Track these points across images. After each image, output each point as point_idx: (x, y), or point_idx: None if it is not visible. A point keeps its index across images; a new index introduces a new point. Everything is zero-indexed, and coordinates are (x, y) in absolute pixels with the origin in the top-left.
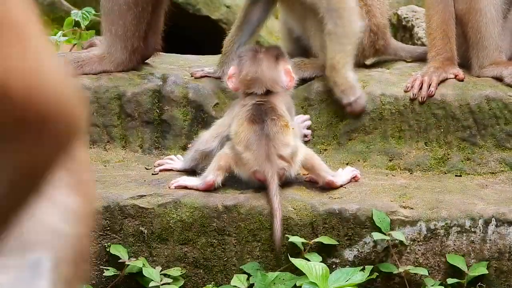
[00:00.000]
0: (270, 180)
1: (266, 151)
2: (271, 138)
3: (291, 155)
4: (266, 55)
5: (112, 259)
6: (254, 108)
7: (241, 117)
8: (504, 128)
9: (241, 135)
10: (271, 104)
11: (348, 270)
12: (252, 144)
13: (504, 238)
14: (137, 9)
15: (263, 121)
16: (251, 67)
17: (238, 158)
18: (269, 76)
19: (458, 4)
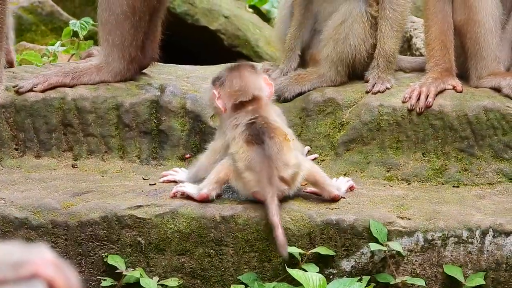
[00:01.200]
0: (270, 201)
1: (268, 173)
2: (273, 160)
3: (292, 176)
4: (242, 67)
5: (110, 269)
6: (248, 128)
7: (238, 139)
8: (502, 138)
9: (242, 155)
10: (264, 120)
11: (346, 280)
12: (255, 165)
13: (501, 249)
14: (134, 19)
15: (263, 142)
16: (235, 79)
17: (239, 175)
18: (253, 82)
19: (456, 15)
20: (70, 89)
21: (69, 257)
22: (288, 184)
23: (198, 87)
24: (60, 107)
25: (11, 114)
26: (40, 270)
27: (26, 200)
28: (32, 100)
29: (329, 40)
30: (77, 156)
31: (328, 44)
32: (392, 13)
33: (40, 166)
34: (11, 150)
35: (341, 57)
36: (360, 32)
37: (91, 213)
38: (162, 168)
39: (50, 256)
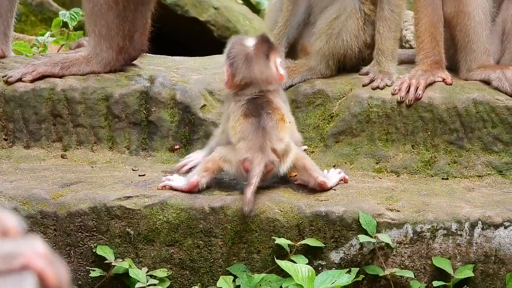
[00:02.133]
0: (256, 164)
1: (260, 142)
2: (267, 131)
3: (284, 151)
4: (257, 54)
5: (98, 260)
6: (249, 103)
7: (237, 113)
8: (491, 131)
9: (237, 128)
10: (266, 98)
11: (334, 272)
12: (248, 134)
13: (490, 241)
14: (117, 8)
15: (260, 115)
16: (245, 71)
17: (231, 151)
18: (263, 78)
19: (446, 7)
20: (59, 80)
21: (58, 247)
22: (279, 158)
23: (188, 78)
24: (50, 98)
25: (0, 104)
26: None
27: (15, 190)
28: (22, 90)
29: (322, 34)
30: (66, 146)
31: (320, 38)
32: (390, 14)
33: (30, 156)
34: (0, 141)
35: (333, 51)
36: (354, 28)
37: (80, 203)
38: (152, 159)
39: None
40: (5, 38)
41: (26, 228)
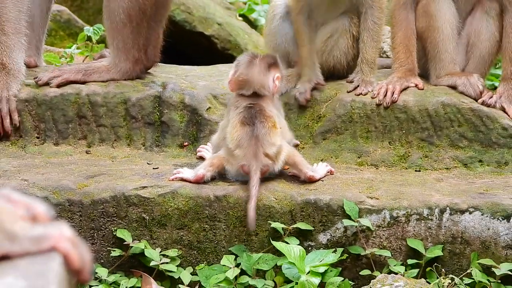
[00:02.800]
0: (253, 173)
1: (254, 149)
2: (259, 139)
3: (276, 154)
4: (261, 62)
5: (118, 241)
6: (245, 111)
7: (235, 119)
8: (457, 129)
9: (234, 135)
10: (260, 107)
11: (322, 252)
12: (243, 143)
13: (457, 224)
14: (131, 25)
15: (254, 124)
16: (244, 70)
17: (230, 155)
18: (258, 80)
19: (418, 23)
20: (84, 86)
21: (83, 231)
22: (273, 160)
23: (195, 85)
24: (76, 101)
25: (34, 107)
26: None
27: (46, 181)
28: (51, 95)
29: (317, 51)
30: (90, 143)
31: None
32: (373, 25)
33: (58, 152)
34: (33, 139)
35: (324, 65)
36: (344, 46)
37: (102, 193)
38: (164, 154)
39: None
40: (37, 51)
41: (55, 215)
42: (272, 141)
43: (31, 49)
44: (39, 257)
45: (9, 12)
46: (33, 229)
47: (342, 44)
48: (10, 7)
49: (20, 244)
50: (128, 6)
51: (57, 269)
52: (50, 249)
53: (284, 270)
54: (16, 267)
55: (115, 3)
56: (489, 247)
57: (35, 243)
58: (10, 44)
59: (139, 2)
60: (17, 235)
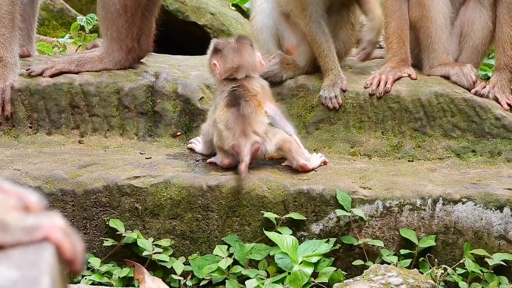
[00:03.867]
0: (243, 146)
1: (242, 128)
2: (246, 117)
3: (265, 131)
4: (242, 45)
5: (111, 231)
6: (230, 94)
7: (221, 103)
8: (450, 120)
9: (222, 117)
10: (244, 88)
11: (315, 242)
12: (230, 123)
13: (449, 215)
14: (126, 15)
15: (239, 104)
16: (235, 57)
17: (221, 135)
18: (250, 62)
19: (412, 13)
20: (77, 75)
21: (76, 221)
22: (262, 138)
23: (188, 74)
24: (69, 91)
25: (26, 97)
26: (50, 235)
27: (39, 171)
28: (44, 85)
29: None
30: (83, 133)
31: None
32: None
33: (51, 142)
34: (26, 128)
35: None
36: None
37: (95, 182)
38: (157, 144)
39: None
40: (30, 40)
41: (48, 204)
42: (259, 119)
43: (23, 38)
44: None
45: (5, 5)
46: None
47: (342, 34)
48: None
49: (12, 234)
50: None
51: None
52: (42, 239)
53: (277, 260)
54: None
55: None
56: (482, 237)
57: (27, 233)
58: (8, 36)
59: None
60: (9, 225)
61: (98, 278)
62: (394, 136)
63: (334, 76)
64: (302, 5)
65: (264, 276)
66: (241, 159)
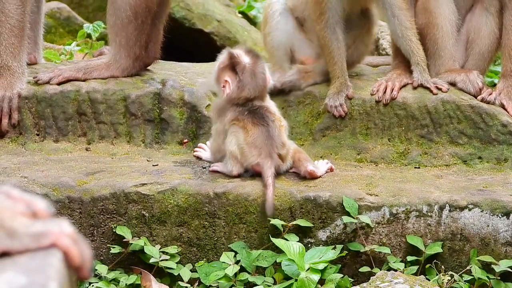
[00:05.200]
0: (267, 168)
1: (269, 149)
2: (274, 139)
3: (286, 154)
4: (259, 70)
5: (118, 238)
6: (254, 112)
7: (243, 118)
8: (457, 126)
9: (250, 132)
10: (266, 108)
11: (322, 248)
12: (259, 142)
13: (456, 221)
14: (137, 22)
15: (268, 124)
16: (252, 86)
17: (243, 150)
18: (265, 91)
19: (418, 19)
20: (84, 83)
21: (83, 228)
22: (283, 160)
23: (195, 81)
24: (76, 98)
25: (33, 104)
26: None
27: (46, 178)
28: (51, 92)
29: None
30: (90, 140)
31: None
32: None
33: (58, 149)
34: (33, 136)
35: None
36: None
37: (102, 190)
38: (164, 151)
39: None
40: (36, 46)
41: (55, 211)
42: (283, 141)
43: (30, 45)
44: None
45: (17, 14)
46: (33, 225)
47: (357, 41)
48: (18, 9)
49: (20, 240)
50: (136, 3)
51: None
52: (50, 245)
53: (284, 267)
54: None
55: (122, 0)
56: (489, 244)
57: (35, 240)
58: (17, 46)
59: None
60: (17, 231)
61: (105, 285)
62: (401, 143)
63: (340, 84)
64: (320, 10)
65: (271, 283)
66: (265, 182)
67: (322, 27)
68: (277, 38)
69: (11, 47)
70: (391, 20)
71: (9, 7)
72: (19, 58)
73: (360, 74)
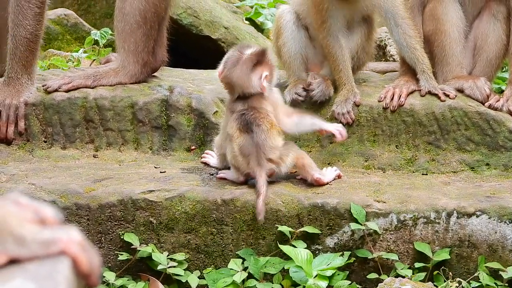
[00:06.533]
0: (258, 177)
1: (256, 157)
2: (260, 145)
3: (280, 157)
4: (247, 60)
5: (126, 245)
6: (241, 118)
7: (233, 124)
8: (464, 133)
9: (236, 140)
10: (254, 110)
11: (329, 255)
12: (245, 151)
13: (464, 228)
14: (146, 27)
15: (252, 131)
16: (228, 70)
17: (235, 157)
18: (239, 82)
19: (426, 26)
20: (91, 90)
21: (91, 235)
22: (277, 164)
23: (202, 88)
24: (83, 105)
25: (41, 111)
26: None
27: (54, 185)
28: (59, 99)
29: None
30: (97, 147)
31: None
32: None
33: (66, 156)
34: (40, 143)
35: None
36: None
37: (109, 196)
38: (172, 158)
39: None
40: None
41: (63, 218)
42: (274, 144)
43: None
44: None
45: (35, 30)
46: (42, 232)
47: (359, 48)
48: (37, 25)
49: (28, 248)
50: (145, 8)
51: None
52: (59, 253)
53: (292, 274)
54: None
55: (131, 5)
56: (497, 250)
57: (43, 247)
58: (31, 59)
59: (156, 5)
60: (25, 239)
61: None
62: (408, 150)
63: (347, 91)
64: (322, 18)
65: None
66: (257, 191)
67: (325, 35)
68: (293, 49)
69: (24, 60)
70: (394, 29)
71: (30, 22)
72: (30, 71)
73: (368, 81)
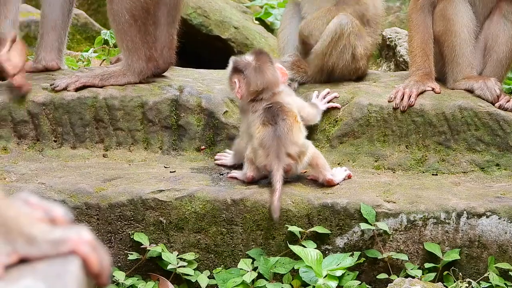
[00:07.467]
0: (275, 171)
1: (276, 150)
2: (281, 139)
3: (299, 153)
4: (263, 63)
5: (135, 245)
6: (265, 112)
7: (256, 121)
8: (474, 133)
9: (257, 135)
10: (279, 105)
11: (339, 255)
12: (265, 143)
13: (474, 228)
14: (136, 24)
15: (276, 123)
16: (258, 78)
17: (255, 152)
18: (273, 81)
19: (436, 27)
20: (101, 89)
21: (101, 234)
22: (295, 160)
23: (212, 88)
24: (93, 105)
25: (51, 111)
26: (77, 248)
27: (64, 185)
28: (69, 99)
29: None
30: (107, 147)
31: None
32: None
33: (76, 156)
34: (50, 142)
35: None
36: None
37: (119, 196)
38: (181, 158)
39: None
40: (59, 53)
41: (73, 218)
42: (295, 139)
43: (53, 51)
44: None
45: None
46: (52, 232)
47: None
48: None
49: (39, 247)
50: (131, 6)
51: (76, 272)
52: (69, 252)
53: (301, 274)
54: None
55: (118, 5)
56: (506, 251)
57: (54, 247)
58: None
59: (141, 1)
60: (36, 238)
61: None
62: (418, 150)
63: None
64: None
65: None
66: (273, 186)
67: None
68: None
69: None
70: None
71: None
72: None
73: (378, 81)
